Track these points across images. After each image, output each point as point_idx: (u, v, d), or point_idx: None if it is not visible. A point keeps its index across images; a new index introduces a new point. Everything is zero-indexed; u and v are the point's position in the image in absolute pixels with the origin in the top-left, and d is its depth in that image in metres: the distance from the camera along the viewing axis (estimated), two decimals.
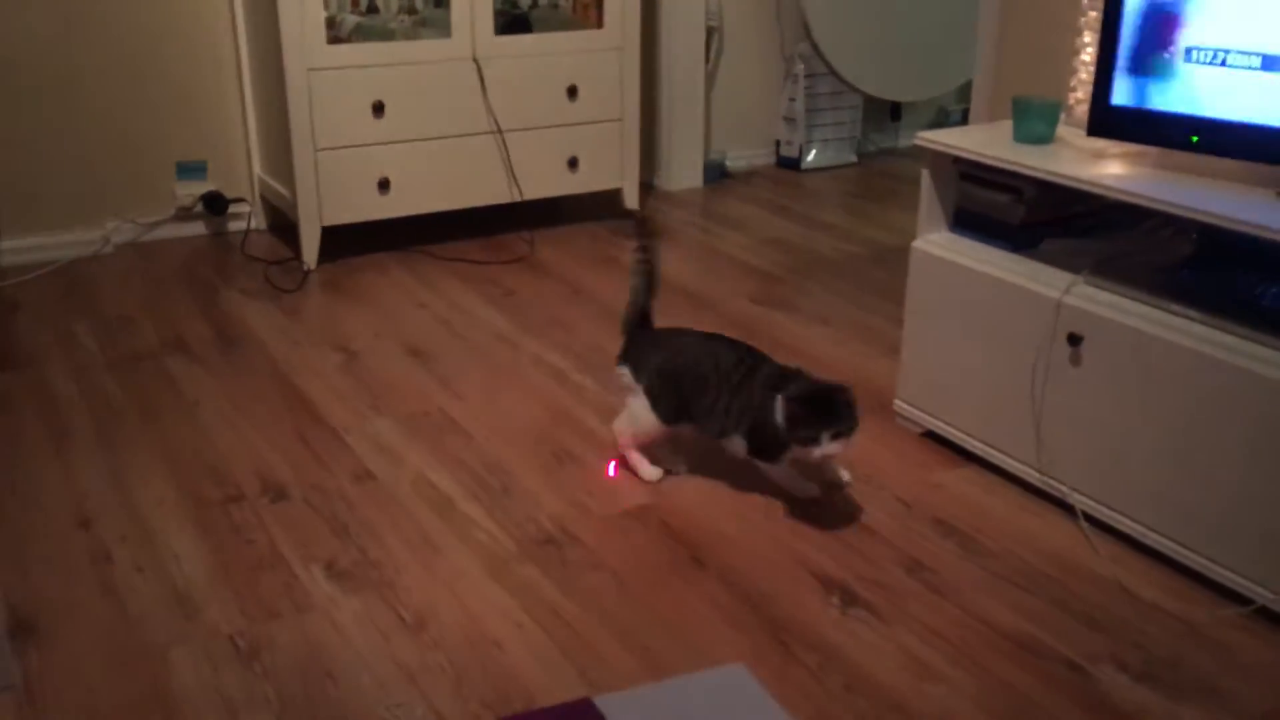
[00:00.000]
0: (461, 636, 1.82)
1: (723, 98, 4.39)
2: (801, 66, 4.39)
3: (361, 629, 1.83)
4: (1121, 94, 2.04)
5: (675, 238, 3.75)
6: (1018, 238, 2.26)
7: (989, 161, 2.16)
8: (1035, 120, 2.19)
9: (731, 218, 3.97)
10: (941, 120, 4.86)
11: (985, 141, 2.24)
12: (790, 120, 4.48)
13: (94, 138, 3.45)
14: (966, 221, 2.35)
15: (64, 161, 3.42)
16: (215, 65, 3.56)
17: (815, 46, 4.39)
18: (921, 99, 4.76)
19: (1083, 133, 2.27)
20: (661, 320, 2.32)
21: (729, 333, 2.96)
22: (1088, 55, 2.30)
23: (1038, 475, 2.18)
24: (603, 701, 1.66)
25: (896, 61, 4.53)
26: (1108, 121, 2.06)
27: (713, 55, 4.28)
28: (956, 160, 2.30)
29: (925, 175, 2.34)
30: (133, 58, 3.44)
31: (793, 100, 4.44)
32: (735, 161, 4.49)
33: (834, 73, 4.45)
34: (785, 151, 4.53)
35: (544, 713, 1.64)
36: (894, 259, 3.58)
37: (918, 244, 2.37)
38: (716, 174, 4.37)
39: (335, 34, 3.30)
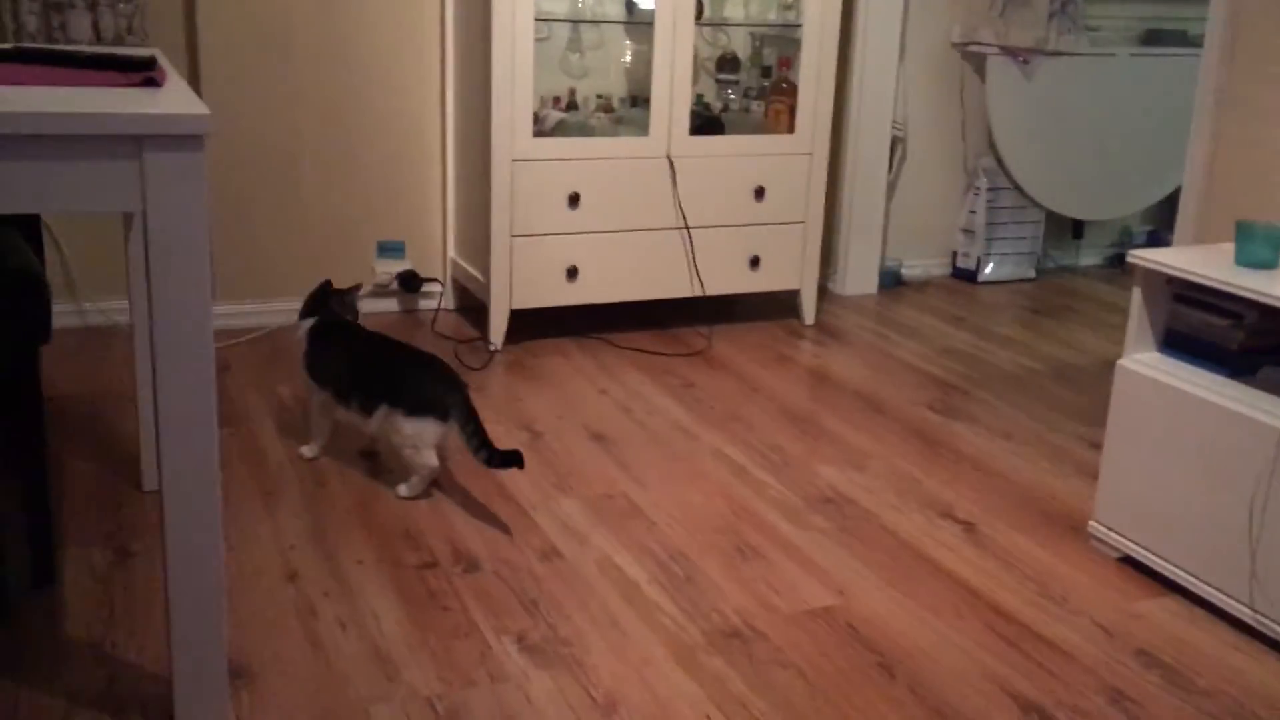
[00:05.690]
0: None
1: (902, 206, 4.41)
2: (984, 179, 4.38)
3: (554, 705, 1.85)
4: None
5: (849, 341, 3.75)
6: (1235, 363, 2.19)
7: (1213, 284, 2.12)
8: (1261, 245, 2.14)
9: (907, 325, 3.95)
10: (1125, 240, 4.77)
11: (1205, 263, 2.20)
12: (969, 232, 4.46)
13: (305, 216, 3.67)
14: (1178, 343, 2.29)
15: (277, 236, 3.64)
16: (422, 153, 3.76)
17: (999, 160, 4.39)
18: (1106, 218, 4.69)
19: None
20: (839, 426, 2.32)
21: (910, 442, 2.95)
22: None
23: (1250, 613, 2.08)
24: None
25: (1082, 179, 4.49)
26: None
27: (895, 164, 4.32)
28: (1170, 280, 2.26)
29: (1136, 294, 2.31)
30: (347, 143, 3.67)
31: (973, 212, 4.43)
32: (911, 270, 4.48)
33: (1017, 187, 4.43)
34: (962, 263, 4.51)
35: None
36: (1077, 377, 3.50)
37: (1124, 363, 2.32)
38: (891, 281, 4.37)
39: (539, 128, 3.46)
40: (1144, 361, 2.30)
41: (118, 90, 1.65)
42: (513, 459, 2.43)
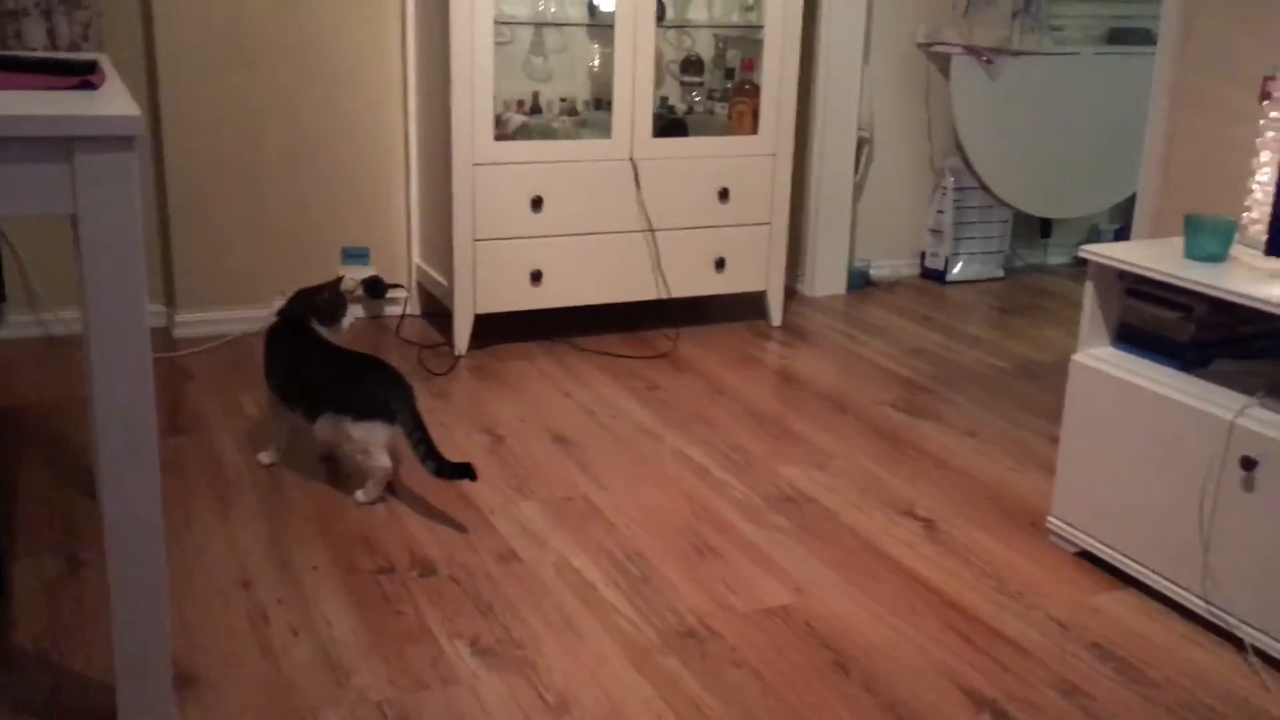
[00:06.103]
0: None
1: (870, 207, 4.41)
2: (951, 179, 4.39)
3: (504, 707, 1.84)
4: None
5: (816, 342, 3.75)
6: (1186, 356, 2.20)
7: (1160, 277, 2.12)
8: (1209, 238, 2.15)
9: (874, 325, 3.95)
10: (1093, 238, 4.78)
11: (1155, 257, 2.20)
12: (937, 232, 4.47)
13: (268, 223, 3.65)
14: (1130, 337, 2.30)
15: (240, 243, 3.62)
16: (385, 159, 3.75)
17: (966, 160, 4.40)
18: (1074, 216, 4.70)
19: (1255, 252, 2.22)
20: (803, 426, 2.32)
21: (874, 441, 2.95)
22: (1264, 175, 2.25)
23: (1203, 604, 2.09)
24: None
25: (1049, 178, 4.50)
26: None
27: (862, 165, 4.33)
28: (1123, 275, 2.27)
29: (1089, 288, 2.31)
30: (310, 149, 3.65)
31: (941, 212, 4.44)
32: (879, 270, 4.49)
33: (985, 187, 4.44)
34: (930, 263, 4.52)
35: None
36: (1043, 374, 3.51)
37: (1078, 358, 2.32)
38: (860, 282, 4.37)
39: (501, 131, 3.45)
40: (1097, 356, 2.30)
41: (51, 93, 1.64)
42: (463, 471, 2.41)
